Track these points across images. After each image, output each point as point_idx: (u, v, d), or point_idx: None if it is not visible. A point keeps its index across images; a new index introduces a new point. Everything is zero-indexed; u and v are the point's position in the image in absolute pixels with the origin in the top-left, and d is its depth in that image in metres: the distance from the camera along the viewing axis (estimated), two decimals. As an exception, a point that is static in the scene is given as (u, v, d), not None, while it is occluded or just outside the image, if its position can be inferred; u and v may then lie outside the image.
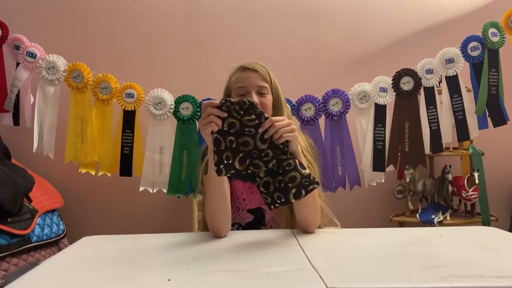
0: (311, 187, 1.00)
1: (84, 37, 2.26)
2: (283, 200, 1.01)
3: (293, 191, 1.00)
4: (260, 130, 1.00)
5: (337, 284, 0.70)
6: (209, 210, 1.12)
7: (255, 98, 1.22)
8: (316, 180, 1.01)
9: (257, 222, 1.28)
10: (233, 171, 0.99)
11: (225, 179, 1.12)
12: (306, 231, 1.13)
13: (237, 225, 1.29)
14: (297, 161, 1.02)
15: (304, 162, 1.06)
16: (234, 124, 0.99)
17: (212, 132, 0.98)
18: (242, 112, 0.98)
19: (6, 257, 1.47)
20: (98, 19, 2.27)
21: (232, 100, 0.97)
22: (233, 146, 0.99)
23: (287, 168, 1.01)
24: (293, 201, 1.00)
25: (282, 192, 1.01)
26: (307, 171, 1.01)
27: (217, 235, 1.10)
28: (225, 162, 0.99)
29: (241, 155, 1.00)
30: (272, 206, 1.03)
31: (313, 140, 1.38)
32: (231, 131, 0.99)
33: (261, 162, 1.01)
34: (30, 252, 1.61)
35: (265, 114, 1.00)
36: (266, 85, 1.26)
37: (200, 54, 2.28)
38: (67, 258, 0.96)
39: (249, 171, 1.01)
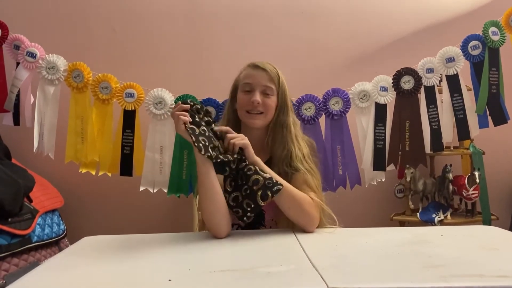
0: (275, 188, 1.06)
1: (84, 37, 2.26)
2: (252, 206, 1.06)
3: (259, 193, 1.05)
4: (215, 129, 1.12)
5: (338, 284, 0.70)
6: (205, 211, 1.11)
7: (258, 97, 1.23)
8: (279, 183, 1.08)
9: (256, 222, 1.27)
10: (209, 154, 1.06)
11: (216, 180, 1.11)
12: (305, 230, 1.14)
13: (237, 226, 1.28)
14: (256, 167, 1.10)
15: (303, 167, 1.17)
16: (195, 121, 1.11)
17: (185, 126, 1.06)
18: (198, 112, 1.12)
19: (6, 257, 1.47)
20: (98, 19, 2.27)
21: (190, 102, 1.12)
22: (206, 134, 1.09)
23: (248, 173, 1.08)
24: (262, 203, 1.05)
25: (250, 197, 1.06)
26: (268, 175, 1.08)
27: (217, 236, 1.10)
28: (202, 143, 1.06)
29: (211, 145, 1.09)
30: (245, 218, 1.08)
31: (313, 139, 1.38)
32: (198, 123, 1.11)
33: (228, 154, 1.10)
34: (30, 252, 1.60)
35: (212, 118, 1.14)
36: (273, 86, 1.26)
37: (200, 54, 2.28)
38: (68, 258, 0.96)
39: (219, 160, 1.07)
